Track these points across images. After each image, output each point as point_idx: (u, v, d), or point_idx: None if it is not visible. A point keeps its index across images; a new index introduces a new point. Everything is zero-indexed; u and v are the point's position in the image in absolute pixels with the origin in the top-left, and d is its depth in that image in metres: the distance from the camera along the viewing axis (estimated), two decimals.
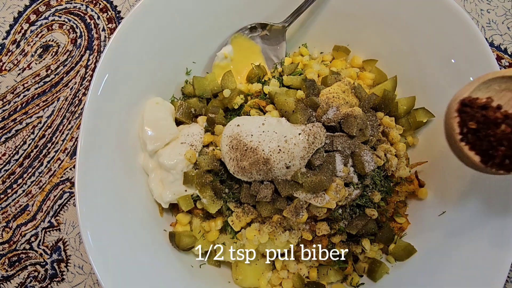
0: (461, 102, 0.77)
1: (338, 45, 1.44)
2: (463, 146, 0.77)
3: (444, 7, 1.17)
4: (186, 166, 1.23)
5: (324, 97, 1.20)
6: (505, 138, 0.75)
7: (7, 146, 1.55)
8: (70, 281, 1.42)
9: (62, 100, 1.58)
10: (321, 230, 1.16)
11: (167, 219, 1.31)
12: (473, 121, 0.76)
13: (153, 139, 1.23)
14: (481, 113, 0.76)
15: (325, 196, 1.11)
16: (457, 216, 1.18)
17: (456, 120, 0.78)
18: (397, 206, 1.29)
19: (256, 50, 1.44)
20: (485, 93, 0.80)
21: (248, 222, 1.19)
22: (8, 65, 1.63)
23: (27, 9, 1.68)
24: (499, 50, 1.55)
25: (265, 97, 1.30)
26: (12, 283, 1.43)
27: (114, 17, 1.65)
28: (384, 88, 1.28)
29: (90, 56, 1.62)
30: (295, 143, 1.10)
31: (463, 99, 0.78)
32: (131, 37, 1.19)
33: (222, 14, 1.35)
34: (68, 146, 1.54)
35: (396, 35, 1.31)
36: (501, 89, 0.79)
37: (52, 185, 1.50)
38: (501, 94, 0.79)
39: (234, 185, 1.21)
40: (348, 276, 1.24)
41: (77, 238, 1.45)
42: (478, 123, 0.76)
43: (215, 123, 1.27)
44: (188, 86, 1.39)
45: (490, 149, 0.76)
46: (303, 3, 1.34)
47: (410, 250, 1.21)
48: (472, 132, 0.77)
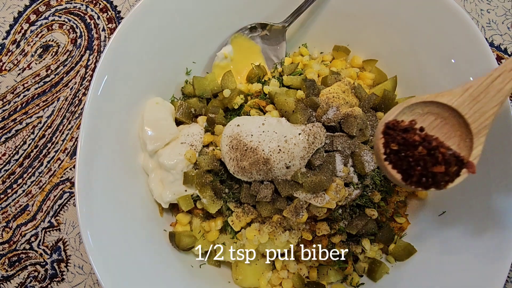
0: (386, 125, 0.85)
1: (338, 45, 1.44)
2: (386, 165, 0.85)
3: (444, 7, 1.17)
4: (186, 166, 1.23)
5: (324, 97, 1.20)
6: (421, 159, 0.82)
7: (7, 146, 1.55)
8: (70, 281, 1.42)
9: (62, 100, 1.58)
10: (321, 230, 1.16)
11: (167, 219, 1.31)
12: (394, 142, 0.84)
13: (153, 139, 1.23)
14: (401, 135, 0.84)
15: (325, 196, 1.11)
16: (457, 216, 1.18)
17: (381, 141, 0.85)
18: (397, 206, 1.29)
19: (256, 50, 1.44)
20: (409, 116, 0.88)
21: (248, 222, 1.19)
22: (8, 65, 1.63)
23: (27, 9, 1.68)
24: (499, 50, 1.55)
25: (265, 97, 1.30)
26: (12, 283, 1.43)
27: (114, 17, 1.65)
28: (384, 88, 1.28)
29: (90, 56, 1.62)
30: (295, 143, 1.10)
31: (388, 122, 0.86)
32: (131, 37, 1.19)
33: (222, 14, 1.35)
34: (68, 146, 1.54)
35: (396, 35, 1.31)
36: (424, 112, 0.88)
37: (52, 185, 1.50)
38: (424, 117, 0.88)
39: (234, 185, 1.21)
40: (348, 276, 1.24)
41: (77, 238, 1.45)
42: (399, 144, 0.84)
43: (215, 123, 1.27)
44: (188, 86, 1.39)
45: (409, 168, 0.83)
46: (303, 3, 1.34)
47: (410, 250, 1.21)
48: (394, 153, 0.84)
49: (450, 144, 0.86)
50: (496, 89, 0.83)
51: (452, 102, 0.86)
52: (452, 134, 0.87)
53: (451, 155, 0.84)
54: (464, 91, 0.85)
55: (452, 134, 0.87)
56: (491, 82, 0.84)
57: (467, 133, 0.86)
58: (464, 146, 0.86)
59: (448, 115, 0.87)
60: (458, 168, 0.84)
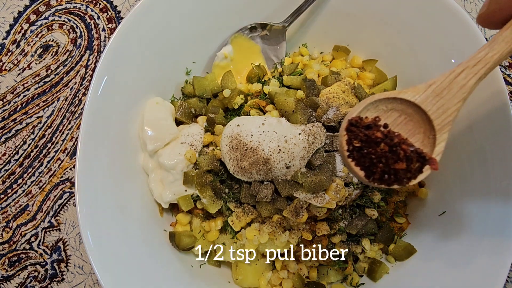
0: (349, 122, 0.85)
1: (338, 45, 1.44)
2: (350, 162, 0.84)
3: (444, 7, 1.17)
4: (186, 166, 1.23)
5: (324, 97, 1.20)
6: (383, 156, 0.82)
7: (7, 146, 1.55)
8: (70, 281, 1.42)
9: (62, 100, 1.58)
10: (321, 230, 1.16)
11: (167, 219, 1.31)
12: (357, 139, 0.83)
13: (153, 139, 1.23)
14: (364, 132, 0.83)
15: (325, 196, 1.11)
16: (457, 216, 1.18)
17: (344, 138, 0.84)
18: (397, 206, 1.29)
19: (256, 50, 1.44)
20: (373, 113, 0.87)
21: (248, 222, 1.19)
22: (8, 65, 1.63)
23: (27, 9, 1.68)
24: None
25: (265, 97, 1.30)
26: (12, 283, 1.43)
27: (114, 17, 1.65)
28: (384, 88, 1.28)
29: (90, 56, 1.62)
30: (295, 143, 1.10)
31: (351, 118, 0.85)
32: (131, 37, 1.19)
33: (222, 14, 1.35)
34: (68, 146, 1.54)
35: (396, 35, 1.31)
36: (388, 109, 0.87)
37: (52, 185, 1.50)
38: (388, 113, 0.87)
39: (234, 185, 1.21)
40: (348, 276, 1.24)
41: (77, 238, 1.45)
42: (362, 141, 0.83)
43: (215, 123, 1.27)
44: (188, 86, 1.39)
45: (372, 165, 0.83)
46: (303, 3, 1.34)
47: (410, 250, 1.21)
48: (357, 150, 0.84)
49: (414, 141, 0.86)
50: (459, 85, 0.83)
51: (415, 98, 0.85)
52: (416, 131, 0.87)
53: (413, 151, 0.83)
54: (427, 87, 0.85)
55: (416, 131, 0.87)
56: (454, 78, 0.83)
57: (431, 129, 0.86)
58: (428, 142, 0.86)
59: (412, 111, 0.86)
60: (421, 165, 0.84)
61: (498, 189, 1.10)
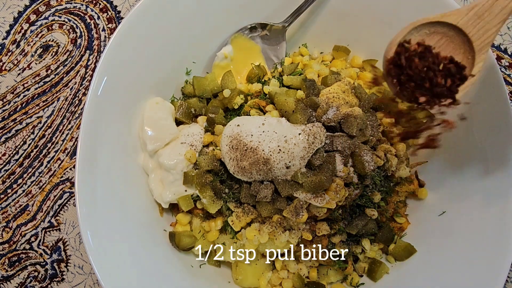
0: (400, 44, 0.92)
1: (338, 45, 1.44)
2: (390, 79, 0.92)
3: (444, 7, 1.17)
4: (186, 166, 1.23)
5: (324, 97, 1.20)
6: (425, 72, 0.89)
7: (7, 146, 1.55)
8: (70, 281, 1.42)
9: (62, 100, 1.58)
10: (321, 230, 1.16)
11: (167, 219, 1.31)
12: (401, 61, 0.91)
13: (153, 139, 1.23)
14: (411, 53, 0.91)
15: (325, 196, 1.11)
16: (457, 216, 1.18)
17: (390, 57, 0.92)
18: (397, 206, 1.29)
19: (256, 50, 1.44)
20: (417, 37, 0.94)
21: (248, 222, 1.19)
22: (8, 65, 1.63)
23: (27, 9, 1.68)
24: (499, 50, 1.55)
25: (265, 97, 1.30)
26: (12, 283, 1.43)
27: (114, 17, 1.65)
28: (384, 88, 1.27)
29: (90, 56, 1.62)
30: (295, 143, 1.10)
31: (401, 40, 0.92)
32: (131, 37, 1.19)
33: (222, 14, 1.35)
34: (68, 146, 1.54)
35: None
36: (430, 32, 0.94)
37: (52, 185, 1.50)
38: (430, 36, 0.94)
39: (234, 185, 1.21)
40: (348, 276, 1.24)
41: (77, 238, 1.45)
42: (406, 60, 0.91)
43: (215, 123, 1.27)
44: (188, 86, 1.39)
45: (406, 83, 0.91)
46: (303, 3, 1.34)
47: (410, 250, 1.21)
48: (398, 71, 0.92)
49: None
50: (501, 6, 0.87)
51: (458, 21, 0.90)
52: (456, 52, 0.93)
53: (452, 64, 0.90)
54: (470, 10, 0.90)
55: (456, 52, 0.93)
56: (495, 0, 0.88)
57: (470, 50, 0.91)
58: (466, 63, 0.92)
59: (454, 33, 0.92)
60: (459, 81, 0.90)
61: (498, 188, 1.10)
